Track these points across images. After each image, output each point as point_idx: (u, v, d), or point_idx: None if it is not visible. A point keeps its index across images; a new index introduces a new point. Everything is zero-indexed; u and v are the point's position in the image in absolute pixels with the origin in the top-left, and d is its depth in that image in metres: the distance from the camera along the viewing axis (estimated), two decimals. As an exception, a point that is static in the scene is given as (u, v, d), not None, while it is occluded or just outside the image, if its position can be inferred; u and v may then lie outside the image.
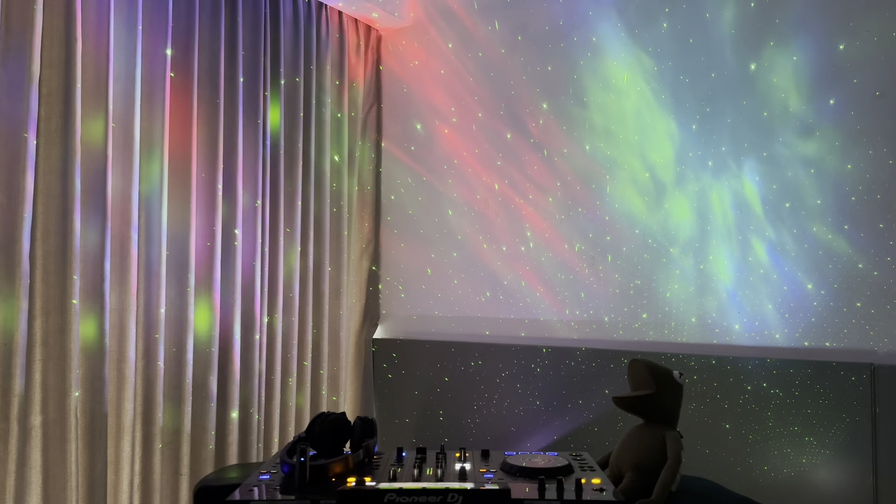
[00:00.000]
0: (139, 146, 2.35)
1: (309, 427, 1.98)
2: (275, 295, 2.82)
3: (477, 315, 3.10)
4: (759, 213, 2.51)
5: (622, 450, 2.04)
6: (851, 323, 2.35)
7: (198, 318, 2.53)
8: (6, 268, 2.01)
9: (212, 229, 2.55)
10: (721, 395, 2.51)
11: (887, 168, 2.30)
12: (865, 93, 2.34)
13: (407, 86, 3.32)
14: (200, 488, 1.98)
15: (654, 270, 2.71)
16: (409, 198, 3.31)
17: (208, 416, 2.53)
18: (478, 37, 3.13)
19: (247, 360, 2.69)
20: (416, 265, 3.27)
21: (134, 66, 2.32)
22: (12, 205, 2.02)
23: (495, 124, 3.07)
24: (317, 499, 1.66)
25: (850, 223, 2.36)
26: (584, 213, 2.86)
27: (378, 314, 3.37)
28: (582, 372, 2.79)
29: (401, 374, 3.23)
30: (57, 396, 2.12)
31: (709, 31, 2.61)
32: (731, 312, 2.56)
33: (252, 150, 2.72)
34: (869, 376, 2.27)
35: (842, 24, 2.38)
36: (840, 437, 2.32)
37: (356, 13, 3.20)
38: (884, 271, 2.31)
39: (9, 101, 2.02)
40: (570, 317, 2.88)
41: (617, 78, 2.80)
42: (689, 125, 2.65)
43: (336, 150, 3.15)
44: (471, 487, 1.61)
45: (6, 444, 2.01)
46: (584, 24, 2.87)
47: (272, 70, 2.83)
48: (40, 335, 2.10)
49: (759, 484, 2.43)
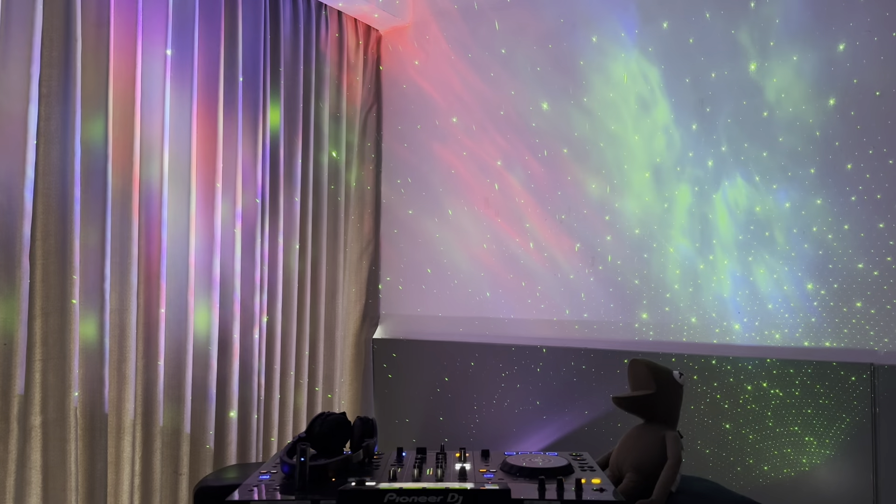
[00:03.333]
0: (139, 146, 2.35)
1: (309, 427, 1.98)
2: (274, 295, 2.82)
3: (477, 315, 3.10)
4: (759, 213, 2.51)
5: (622, 450, 2.04)
6: (851, 323, 2.35)
7: (197, 319, 2.53)
8: (6, 268, 2.01)
9: (211, 229, 2.55)
10: (721, 395, 2.51)
11: (887, 168, 2.30)
12: (865, 93, 2.34)
13: (407, 86, 3.32)
14: (200, 488, 1.98)
15: (654, 270, 2.71)
16: (409, 198, 3.31)
17: (207, 416, 2.53)
18: (478, 37, 3.13)
19: (246, 359, 2.69)
20: (416, 265, 3.27)
21: (134, 66, 2.32)
22: (12, 205, 2.02)
23: (495, 124, 3.07)
24: (317, 499, 1.66)
25: (850, 223, 2.36)
26: (585, 213, 2.86)
27: (378, 314, 3.37)
28: (582, 372, 2.79)
29: (401, 374, 3.23)
30: (57, 396, 2.12)
31: (709, 31, 2.61)
32: (731, 312, 2.56)
33: (252, 149, 2.72)
34: (869, 376, 2.27)
35: (842, 24, 2.38)
36: (840, 437, 2.32)
37: (356, 13, 3.20)
38: (884, 271, 2.31)
39: (9, 101, 2.02)
40: (570, 317, 2.88)
41: (617, 78, 2.80)
42: (689, 125, 2.65)
43: (336, 150, 3.15)
44: (471, 487, 1.61)
45: (6, 444, 2.01)
46: (584, 24, 2.87)
47: (272, 70, 2.83)
48: (40, 335, 2.10)
49: (759, 484, 2.43)
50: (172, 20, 2.45)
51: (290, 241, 2.90)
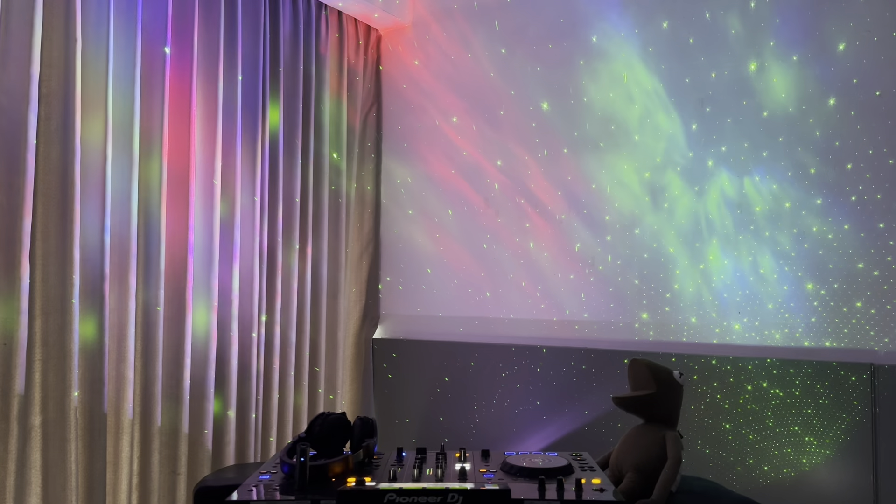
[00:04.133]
0: (138, 146, 2.35)
1: (309, 427, 1.98)
2: (273, 294, 2.82)
3: (477, 315, 3.10)
4: (759, 213, 2.51)
5: (622, 450, 2.04)
6: (851, 323, 2.35)
7: (196, 318, 2.53)
8: (6, 268, 2.01)
9: (210, 229, 2.55)
10: (721, 395, 2.51)
11: (887, 168, 2.30)
12: (865, 93, 2.34)
13: (407, 86, 3.32)
14: (200, 489, 1.98)
15: (653, 270, 2.71)
16: (408, 198, 3.31)
17: (206, 416, 2.53)
18: (478, 37, 3.13)
19: (245, 359, 2.68)
20: (416, 265, 3.27)
21: (133, 65, 2.32)
22: (12, 205, 2.02)
23: (495, 124, 3.07)
24: (317, 499, 1.66)
25: (850, 223, 2.36)
26: (585, 213, 2.86)
27: (378, 314, 3.37)
28: (582, 372, 2.79)
29: (401, 374, 3.23)
30: (56, 396, 2.12)
31: (709, 31, 2.61)
32: (731, 312, 2.56)
33: (251, 149, 2.72)
34: (869, 376, 2.27)
35: (842, 24, 2.38)
36: (840, 437, 2.32)
37: (356, 13, 3.20)
38: (884, 271, 2.31)
39: (9, 101, 2.02)
40: (570, 317, 2.88)
41: (617, 78, 2.80)
42: (689, 125, 2.65)
43: (335, 150, 3.15)
44: (471, 487, 1.61)
45: (6, 444, 2.01)
46: (584, 24, 2.87)
47: (272, 70, 2.83)
48: (40, 335, 2.10)
49: (759, 484, 2.43)
50: (172, 20, 2.45)
51: (290, 241, 2.90)
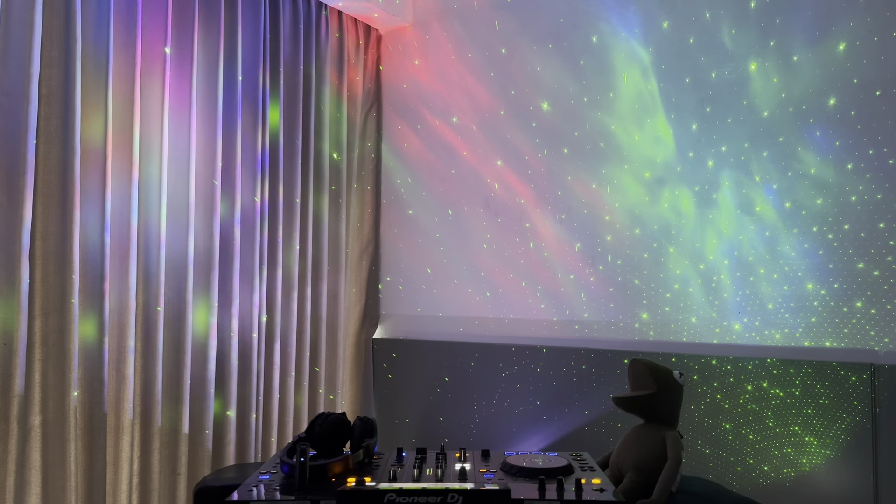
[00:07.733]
0: (139, 146, 2.35)
1: (309, 427, 1.98)
2: (273, 294, 2.82)
3: (477, 315, 3.10)
4: (760, 213, 2.51)
5: (622, 450, 2.04)
6: (851, 323, 2.35)
7: (196, 318, 2.53)
8: (6, 268, 2.01)
9: (210, 229, 2.55)
10: (721, 395, 2.51)
11: (887, 168, 2.30)
12: (865, 93, 2.34)
13: (407, 86, 3.32)
14: (200, 489, 1.98)
15: (654, 270, 2.71)
16: (409, 198, 3.31)
17: (206, 416, 2.53)
18: (478, 37, 3.13)
19: (245, 359, 2.69)
20: (416, 265, 3.27)
21: (133, 65, 2.32)
22: (12, 205, 2.02)
23: (495, 124, 3.07)
24: (317, 499, 1.66)
25: (850, 223, 2.36)
26: (585, 213, 2.86)
27: (378, 314, 3.37)
28: (582, 372, 2.79)
29: (401, 374, 3.23)
30: (56, 396, 2.12)
31: (709, 30, 2.61)
32: (731, 312, 2.56)
33: (251, 149, 2.72)
34: (869, 376, 2.27)
35: (842, 24, 2.38)
36: (840, 437, 2.32)
37: (356, 13, 3.20)
38: (884, 271, 2.30)
39: (9, 101, 2.02)
40: (570, 317, 2.88)
41: (617, 78, 2.80)
42: (689, 125, 2.65)
43: (336, 150, 3.15)
44: (471, 487, 1.61)
45: (6, 444, 2.01)
46: (584, 24, 2.87)
47: (272, 70, 2.83)
48: (40, 335, 2.10)
49: (759, 484, 2.43)
50: (172, 20, 2.45)
51: (290, 241, 2.90)
